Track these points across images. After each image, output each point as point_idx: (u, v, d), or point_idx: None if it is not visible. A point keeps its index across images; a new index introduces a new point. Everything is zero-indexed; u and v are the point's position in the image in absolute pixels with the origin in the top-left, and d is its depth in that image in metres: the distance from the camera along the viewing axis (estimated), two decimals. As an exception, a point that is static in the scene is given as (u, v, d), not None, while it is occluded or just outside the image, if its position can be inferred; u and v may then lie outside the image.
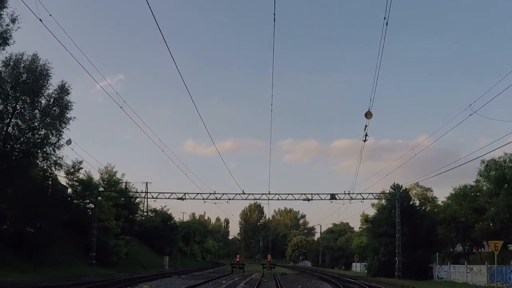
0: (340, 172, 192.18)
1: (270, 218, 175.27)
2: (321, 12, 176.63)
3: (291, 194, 39.88)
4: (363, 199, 39.95)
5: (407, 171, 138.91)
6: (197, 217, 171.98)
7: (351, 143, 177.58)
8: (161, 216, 71.96)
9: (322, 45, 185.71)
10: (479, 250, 48.21)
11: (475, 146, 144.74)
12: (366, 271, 48.13)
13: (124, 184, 52.07)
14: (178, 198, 39.17)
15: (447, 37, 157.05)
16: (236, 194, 39.54)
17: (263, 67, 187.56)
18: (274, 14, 14.59)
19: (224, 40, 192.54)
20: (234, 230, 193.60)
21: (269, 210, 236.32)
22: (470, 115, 20.70)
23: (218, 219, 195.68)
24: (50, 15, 15.43)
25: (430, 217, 43.23)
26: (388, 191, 42.38)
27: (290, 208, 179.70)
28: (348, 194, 39.24)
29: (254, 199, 38.73)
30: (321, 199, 39.28)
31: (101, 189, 48.21)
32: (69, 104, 34.37)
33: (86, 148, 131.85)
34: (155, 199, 41.96)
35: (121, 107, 21.14)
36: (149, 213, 75.49)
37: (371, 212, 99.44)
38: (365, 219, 51.77)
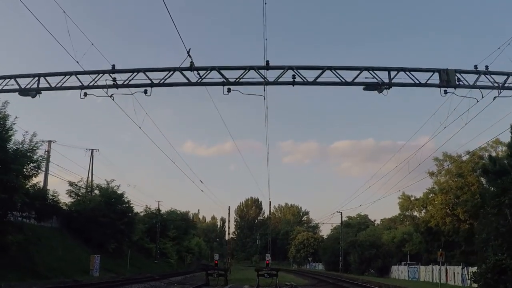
0: (340, 173, 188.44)
1: (272, 206, 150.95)
2: (321, 11, 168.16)
3: (323, 68, 15.20)
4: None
5: (405, 173, 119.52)
6: (191, 217, 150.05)
7: (351, 144, 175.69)
8: (105, 195, 47.51)
9: (321, 45, 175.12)
10: None
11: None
12: (472, 282, 23.60)
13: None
14: (18, 90, 14.55)
15: (449, 39, 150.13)
16: (174, 70, 14.93)
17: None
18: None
19: (224, 42, 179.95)
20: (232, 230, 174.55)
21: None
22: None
23: (213, 218, 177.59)
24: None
25: None
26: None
27: (291, 204, 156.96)
28: (486, 74, 14.72)
29: (223, 83, 13.98)
30: (415, 83, 14.49)
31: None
32: None
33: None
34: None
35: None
36: (93, 192, 50.83)
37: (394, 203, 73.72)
38: (483, 168, 27.09)
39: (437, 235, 54.05)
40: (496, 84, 14.49)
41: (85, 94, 15.09)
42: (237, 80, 14.66)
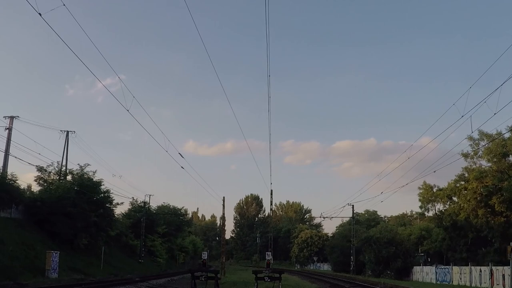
0: (342, 173, 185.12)
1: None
2: (322, 13, 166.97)
3: None
4: None
5: (409, 173, 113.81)
6: (190, 215, 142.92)
7: (353, 144, 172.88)
8: (77, 182, 40.40)
9: (323, 46, 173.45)
10: None
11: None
12: None
13: None
14: None
15: (450, 41, 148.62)
16: None
17: (265, 69, 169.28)
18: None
19: (226, 42, 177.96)
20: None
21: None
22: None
23: (213, 216, 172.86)
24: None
25: None
26: None
27: (293, 201, 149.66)
28: None
29: None
30: None
31: None
32: None
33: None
34: None
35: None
36: (66, 179, 43.61)
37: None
38: None
39: (463, 230, 47.06)
40: None
41: None
42: None
